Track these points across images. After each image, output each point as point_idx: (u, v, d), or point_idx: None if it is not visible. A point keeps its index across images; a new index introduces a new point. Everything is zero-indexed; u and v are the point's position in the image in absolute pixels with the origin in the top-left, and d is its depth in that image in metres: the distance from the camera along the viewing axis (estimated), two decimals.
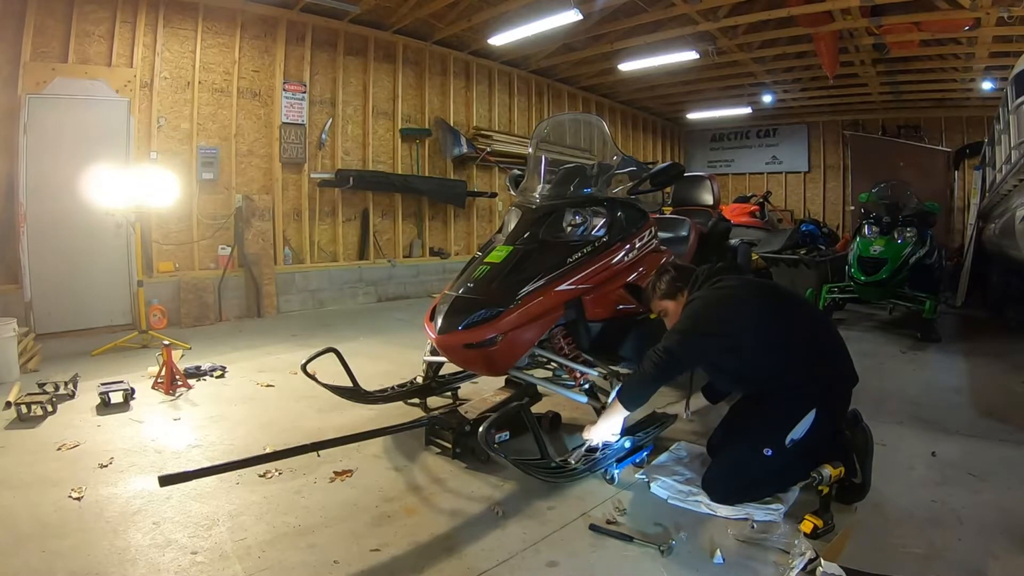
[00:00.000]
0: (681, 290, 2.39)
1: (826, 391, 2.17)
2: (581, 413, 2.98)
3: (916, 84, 9.58)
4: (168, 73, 5.88)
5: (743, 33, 7.78)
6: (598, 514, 2.11)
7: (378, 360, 4.29)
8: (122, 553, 1.84)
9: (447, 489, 2.33)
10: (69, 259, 5.14)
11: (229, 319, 6.02)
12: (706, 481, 2.16)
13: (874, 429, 2.27)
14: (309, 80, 6.90)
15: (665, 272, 2.47)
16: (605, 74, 9.76)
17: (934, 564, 1.79)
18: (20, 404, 3.03)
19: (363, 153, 7.52)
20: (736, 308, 2.21)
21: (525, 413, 2.41)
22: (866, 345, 4.79)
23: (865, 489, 2.14)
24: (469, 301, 2.51)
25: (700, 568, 1.78)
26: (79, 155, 4.95)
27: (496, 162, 8.91)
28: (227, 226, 6.25)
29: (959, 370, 4.11)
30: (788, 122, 12.63)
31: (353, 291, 7.29)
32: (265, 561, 1.81)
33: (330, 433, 2.57)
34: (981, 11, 6.13)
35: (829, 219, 11.74)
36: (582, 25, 7.12)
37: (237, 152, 6.38)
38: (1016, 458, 2.57)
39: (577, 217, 2.81)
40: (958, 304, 6.54)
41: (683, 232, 3.72)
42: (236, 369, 4.06)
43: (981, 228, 6.47)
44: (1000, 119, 5.86)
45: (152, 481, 2.03)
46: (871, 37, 7.35)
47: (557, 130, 3.57)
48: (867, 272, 5.11)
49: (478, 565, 1.79)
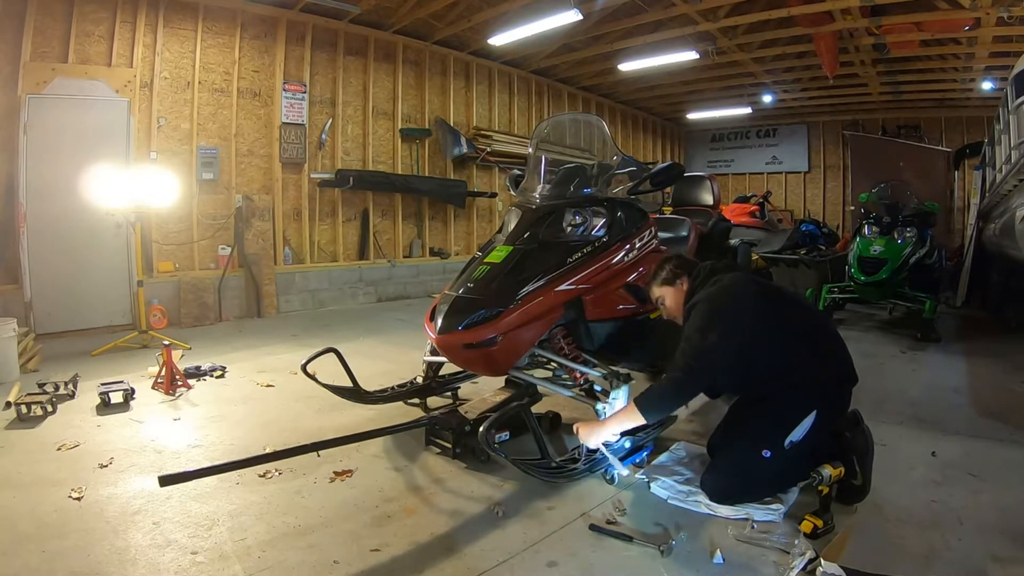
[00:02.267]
0: (681, 278, 2.39)
1: (826, 392, 2.17)
2: (581, 413, 2.98)
3: (916, 84, 9.58)
4: (168, 73, 5.88)
5: (743, 33, 7.78)
6: (598, 514, 2.10)
7: (378, 360, 4.29)
8: (122, 553, 1.84)
9: (447, 489, 2.33)
10: (69, 259, 5.14)
11: (229, 319, 6.02)
12: (705, 482, 2.16)
13: (874, 429, 2.27)
14: (309, 80, 6.90)
15: (668, 260, 2.48)
16: (605, 74, 9.77)
17: (934, 564, 1.79)
18: (20, 404, 3.03)
19: (363, 153, 7.52)
20: (742, 307, 2.20)
21: (525, 413, 2.42)
22: (866, 345, 4.79)
23: (865, 489, 2.14)
24: (469, 301, 2.51)
25: (700, 568, 1.78)
26: (79, 155, 4.95)
27: (496, 162, 8.91)
28: (227, 226, 6.25)
29: (959, 370, 4.11)
30: (788, 122, 12.63)
31: (353, 291, 7.29)
32: (265, 561, 1.81)
33: (330, 433, 2.57)
34: (981, 11, 6.13)
35: (829, 219, 11.74)
36: (582, 25, 7.12)
37: (237, 152, 6.38)
38: (1016, 458, 2.57)
39: (577, 217, 2.81)
40: (958, 304, 6.54)
41: (683, 232, 3.72)
42: (236, 369, 4.06)
43: (981, 228, 6.46)
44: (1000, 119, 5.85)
45: (152, 481, 2.03)
46: (871, 37, 7.35)
47: (557, 130, 3.57)
48: (867, 272, 5.11)
49: (478, 565, 1.79)
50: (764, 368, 2.17)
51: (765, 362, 2.16)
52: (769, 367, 2.16)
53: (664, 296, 2.45)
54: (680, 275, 2.40)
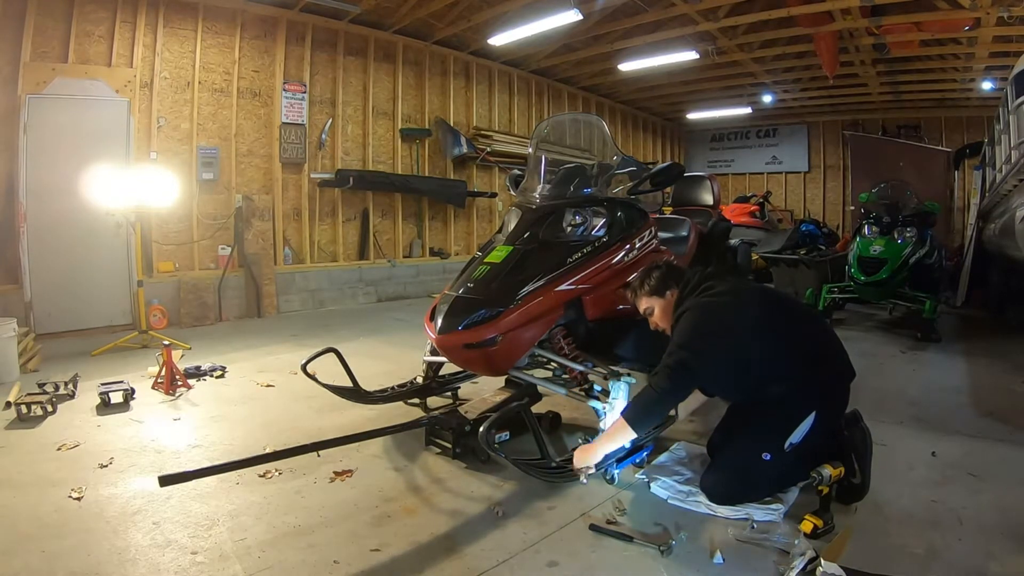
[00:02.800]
0: (670, 288, 2.34)
1: (825, 392, 2.16)
2: (581, 413, 2.98)
3: (916, 84, 9.58)
4: (168, 73, 5.88)
5: (743, 33, 7.78)
6: (598, 514, 2.11)
7: (378, 360, 4.29)
8: (122, 553, 1.84)
9: (447, 489, 2.33)
10: (69, 259, 5.14)
11: (229, 319, 6.02)
12: (705, 482, 2.16)
13: (874, 429, 2.27)
14: (309, 80, 6.90)
15: (655, 269, 2.41)
16: (605, 74, 9.77)
17: (934, 564, 1.79)
18: (20, 404, 3.03)
19: (363, 153, 7.52)
20: (736, 314, 2.18)
21: (525, 413, 2.41)
22: (866, 345, 4.79)
23: (865, 489, 2.14)
24: (469, 301, 2.51)
25: (700, 568, 1.78)
26: (79, 155, 4.95)
27: (496, 162, 8.92)
28: (227, 226, 6.25)
29: (959, 370, 4.11)
30: (788, 122, 12.63)
31: (353, 291, 7.29)
32: (265, 561, 1.81)
33: (330, 433, 2.57)
34: (981, 11, 6.13)
35: (829, 219, 11.74)
36: (582, 25, 7.12)
37: (237, 152, 6.38)
38: (1016, 458, 2.57)
39: (577, 217, 2.81)
40: (958, 304, 6.54)
41: (683, 232, 3.72)
42: (236, 369, 4.06)
43: (981, 228, 6.46)
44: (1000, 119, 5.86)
45: (152, 481, 2.03)
46: (871, 37, 7.35)
47: (557, 130, 3.58)
48: (867, 272, 5.11)
49: (478, 565, 1.79)
50: (761, 372, 2.14)
51: (762, 366, 2.14)
52: (767, 371, 2.15)
53: (653, 307, 2.38)
54: (670, 286, 2.34)
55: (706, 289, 2.25)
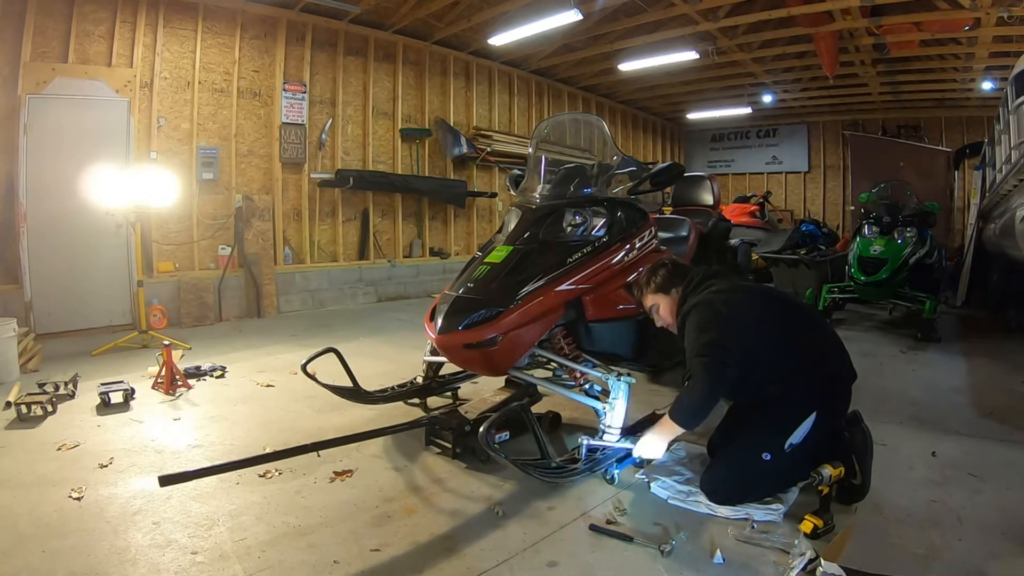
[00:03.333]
0: (676, 286, 2.36)
1: (826, 392, 2.16)
2: (581, 413, 2.98)
3: (916, 84, 9.58)
4: (168, 73, 5.88)
5: (743, 33, 7.78)
6: (598, 514, 2.10)
7: (378, 360, 4.29)
8: (122, 553, 1.84)
9: (447, 489, 2.33)
10: (69, 259, 5.14)
11: (229, 319, 6.02)
12: (705, 482, 2.16)
13: (874, 429, 2.27)
14: (309, 80, 6.90)
15: (661, 266, 2.44)
16: (605, 74, 9.76)
17: (934, 564, 1.79)
18: (20, 404, 3.03)
19: (363, 153, 7.52)
20: (744, 305, 2.20)
21: (525, 413, 2.41)
22: (866, 345, 4.79)
23: (865, 489, 2.14)
24: (469, 301, 2.51)
25: (700, 568, 1.78)
26: (79, 155, 4.95)
27: (496, 162, 8.91)
28: (227, 226, 6.25)
29: (959, 370, 4.11)
30: (788, 122, 12.64)
31: (353, 291, 7.28)
32: (265, 561, 1.81)
33: (330, 433, 2.57)
34: (981, 11, 6.13)
35: (829, 219, 11.75)
36: (582, 25, 7.11)
37: (237, 152, 6.38)
38: (1016, 458, 2.57)
39: (577, 217, 2.81)
40: (958, 304, 6.54)
41: (683, 232, 3.72)
42: (236, 369, 4.06)
43: (981, 228, 6.47)
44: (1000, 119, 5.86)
45: (152, 481, 2.03)
46: (871, 37, 7.35)
47: (557, 130, 3.57)
48: (867, 272, 5.11)
49: (478, 565, 1.79)
50: (763, 371, 2.15)
51: (764, 365, 2.15)
52: (768, 370, 2.15)
53: (658, 304, 2.41)
54: (675, 284, 2.36)
55: (709, 287, 2.27)
